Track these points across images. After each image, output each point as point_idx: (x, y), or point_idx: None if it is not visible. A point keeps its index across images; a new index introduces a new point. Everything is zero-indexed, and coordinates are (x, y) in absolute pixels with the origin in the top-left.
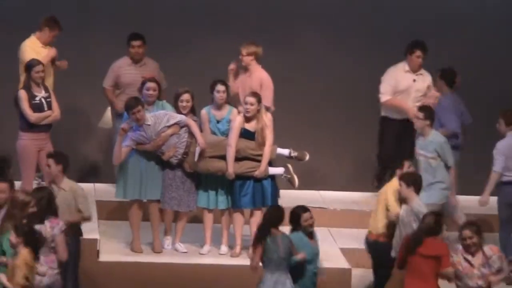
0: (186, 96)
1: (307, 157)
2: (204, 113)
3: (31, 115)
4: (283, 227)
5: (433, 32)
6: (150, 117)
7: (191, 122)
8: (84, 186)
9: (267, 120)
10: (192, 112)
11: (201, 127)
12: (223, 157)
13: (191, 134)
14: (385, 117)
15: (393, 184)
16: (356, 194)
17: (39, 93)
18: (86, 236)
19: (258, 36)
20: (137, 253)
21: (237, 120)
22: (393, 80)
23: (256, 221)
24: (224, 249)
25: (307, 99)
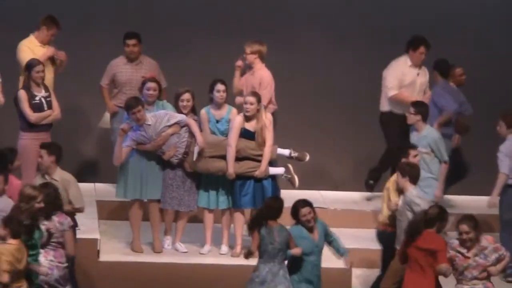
0: (187, 96)
1: (308, 158)
2: (204, 113)
3: (31, 115)
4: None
5: (433, 32)
6: (151, 117)
7: (192, 122)
8: (85, 186)
9: (267, 121)
10: (193, 112)
11: (201, 127)
12: (224, 157)
13: (192, 134)
14: (390, 112)
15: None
16: (356, 194)
17: (39, 93)
18: (87, 236)
19: (258, 36)
20: (138, 253)
21: (237, 120)
22: (400, 74)
23: None
24: (225, 249)
25: (308, 99)
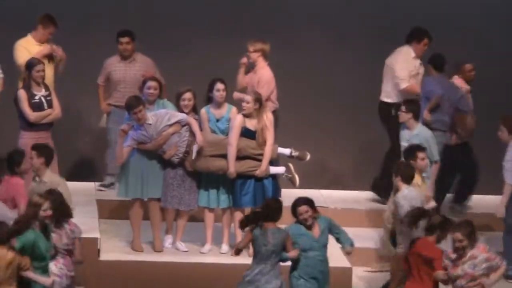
0: (188, 95)
1: (308, 157)
2: (204, 112)
3: (31, 114)
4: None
5: (433, 32)
6: (151, 116)
7: (192, 121)
8: (85, 185)
9: (267, 120)
10: (194, 111)
11: (201, 126)
12: (224, 156)
13: (192, 133)
14: (399, 104)
15: None
16: (357, 193)
17: (39, 92)
18: (87, 235)
19: (259, 36)
20: (138, 252)
21: (238, 119)
22: (409, 65)
23: None
24: (225, 248)
25: (308, 99)
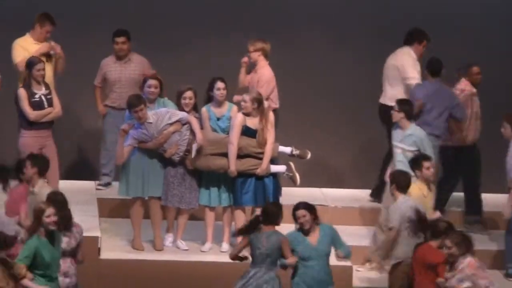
0: (189, 94)
1: (309, 155)
2: (204, 111)
3: (31, 113)
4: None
5: (433, 32)
6: (152, 115)
7: (193, 119)
8: (86, 184)
9: (268, 119)
10: (194, 110)
11: (202, 125)
12: (225, 155)
13: (193, 132)
14: None
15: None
16: (357, 192)
17: (39, 91)
18: (87, 234)
19: (259, 36)
20: (139, 251)
21: (238, 118)
22: (416, 65)
23: None
24: (225, 247)
25: (308, 99)
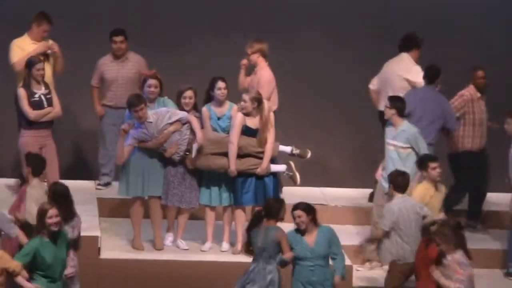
0: (189, 93)
1: (309, 155)
2: (205, 110)
3: (31, 113)
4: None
5: (433, 32)
6: (152, 115)
7: (193, 119)
8: (85, 184)
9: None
10: (195, 109)
11: (202, 124)
12: (225, 154)
13: (193, 131)
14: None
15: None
16: (357, 191)
17: (39, 90)
18: (87, 234)
19: (259, 36)
20: (138, 250)
21: (238, 117)
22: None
23: None
24: (226, 246)
25: (308, 99)
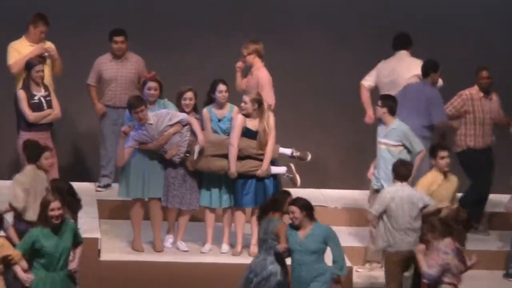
0: (190, 94)
1: (309, 157)
2: (206, 112)
3: (30, 115)
4: None
5: (434, 32)
6: (152, 116)
7: (193, 120)
8: (85, 185)
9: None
10: (195, 111)
11: (203, 126)
12: (225, 156)
13: (193, 133)
14: None
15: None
16: (357, 192)
17: (39, 92)
18: (87, 235)
19: (259, 36)
20: (138, 252)
21: (238, 119)
22: None
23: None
24: (225, 248)
25: (308, 99)
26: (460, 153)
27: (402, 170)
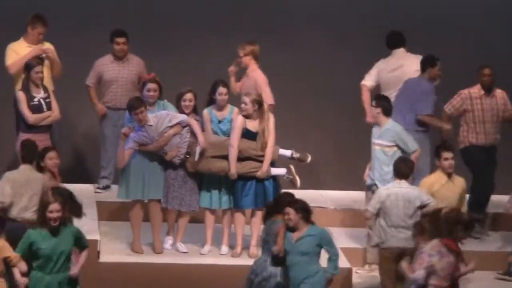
0: (189, 96)
1: (309, 159)
2: (206, 113)
3: (30, 116)
4: None
5: (434, 32)
6: (152, 118)
7: (193, 122)
8: (85, 187)
9: (269, 122)
10: (194, 112)
11: (203, 127)
12: (226, 157)
13: (193, 134)
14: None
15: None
16: (356, 194)
17: (38, 94)
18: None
19: (259, 36)
20: (138, 254)
21: (238, 120)
22: None
23: (257, 221)
24: (225, 249)
25: (308, 99)
26: (463, 150)
27: (402, 168)
